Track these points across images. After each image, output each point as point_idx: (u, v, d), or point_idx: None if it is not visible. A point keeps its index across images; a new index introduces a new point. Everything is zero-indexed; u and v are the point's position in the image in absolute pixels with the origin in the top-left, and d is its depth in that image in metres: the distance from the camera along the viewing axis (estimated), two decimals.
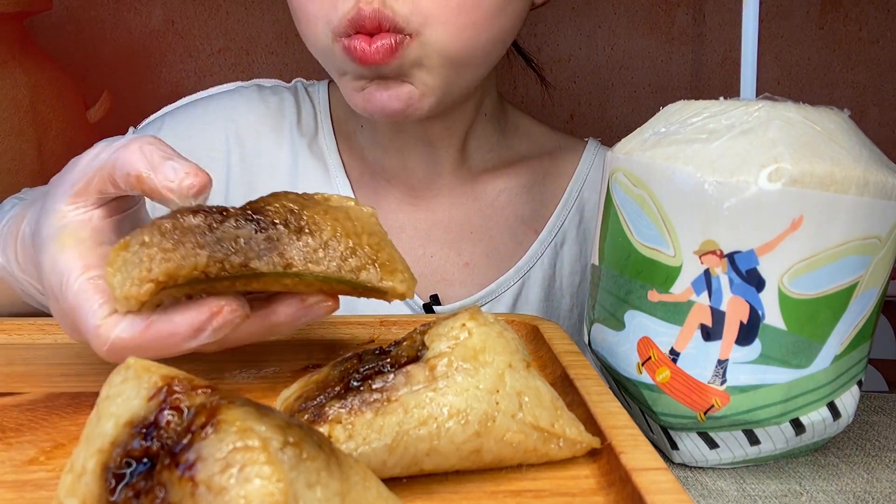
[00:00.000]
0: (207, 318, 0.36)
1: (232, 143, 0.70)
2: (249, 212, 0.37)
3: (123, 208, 0.41)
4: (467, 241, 0.70)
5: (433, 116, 0.62)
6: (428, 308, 0.67)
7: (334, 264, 0.37)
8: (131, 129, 0.74)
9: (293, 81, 0.75)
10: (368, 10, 0.53)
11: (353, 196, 0.69)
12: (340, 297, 0.39)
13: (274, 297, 0.39)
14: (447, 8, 0.54)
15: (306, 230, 0.37)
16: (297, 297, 0.38)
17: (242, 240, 0.36)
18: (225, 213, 0.36)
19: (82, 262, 0.38)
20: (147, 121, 0.74)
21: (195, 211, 0.36)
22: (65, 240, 0.39)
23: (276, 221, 0.37)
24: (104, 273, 0.36)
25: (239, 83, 0.74)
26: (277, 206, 0.37)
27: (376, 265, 0.38)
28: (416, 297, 0.67)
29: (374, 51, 0.54)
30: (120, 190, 0.39)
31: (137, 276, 0.34)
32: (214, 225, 0.35)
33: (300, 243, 0.37)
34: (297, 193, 0.39)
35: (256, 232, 0.36)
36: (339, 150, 0.70)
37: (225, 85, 0.74)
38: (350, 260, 0.37)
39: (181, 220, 0.35)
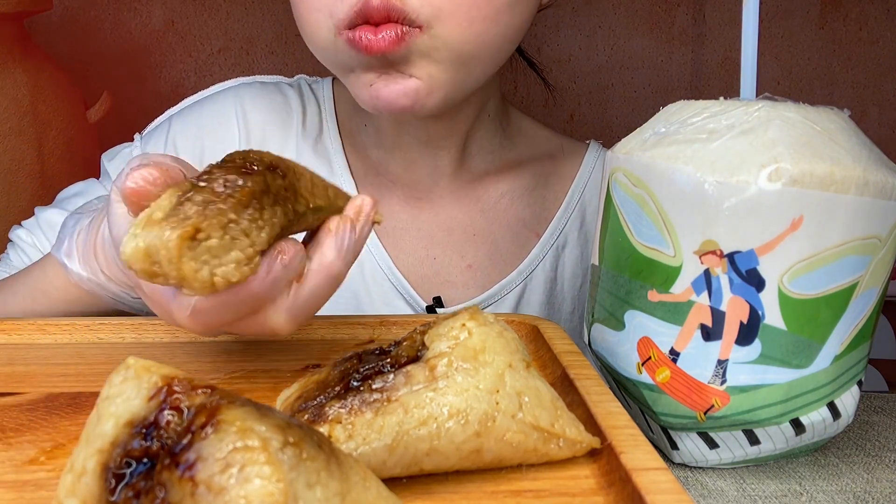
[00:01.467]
0: (273, 257, 0.36)
1: (243, 142, 0.70)
2: (249, 166, 0.36)
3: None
4: (470, 243, 0.70)
5: (437, 115, 0.61)
6: (431, 310, 0.67)
7: (331, 193, 0.40)
8: (137, 136, 0.72)
9: (296, 77, 0.75)
10: (377, 2, 0.52)
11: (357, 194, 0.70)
12: (340, 297, 0.40)
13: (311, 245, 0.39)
14: (458, 1, 0.53)
15: (292, 173, 0.38)
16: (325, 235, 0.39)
17: (272, 189, 0.36)
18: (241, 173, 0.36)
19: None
20: (152, 125, 0.73)
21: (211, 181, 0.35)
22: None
23: (276, 166, 0.37)
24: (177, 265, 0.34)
25: (240, 79, 0.74)
26: (256, 157, 0.37)
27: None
28: (419, 298, 0.67)
29: (380, 38, 0.53)
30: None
31: (233, 258, 0.34)
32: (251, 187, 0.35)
33: (300, 184, 0.38)
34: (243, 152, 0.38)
35: (275, 179, 0.36)
36: (343, 150, 0.70)
37: (226, 82, 0.74)
38: (330, 189, 0.40)
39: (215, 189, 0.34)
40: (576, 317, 0.72)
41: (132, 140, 0.72)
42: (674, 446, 0.43)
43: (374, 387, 0.31)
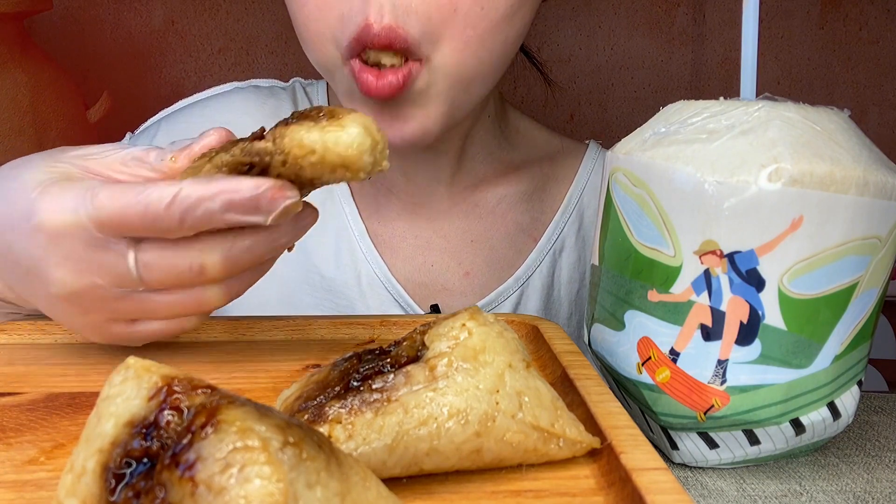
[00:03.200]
0: (271, 181, 0.36)
1: None
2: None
3: None
4: (467, 250, 0.69)
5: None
6: None
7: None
8: (128, 134, 0.73)
9: (291, 81, 0.75)
10: (378, 28, 0.51)
11: (354, 205, 0.68)
12: (336, 304, 0.40)
13: None
14: (453, 22, 0.53)
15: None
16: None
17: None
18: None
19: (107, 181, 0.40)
20: (143, 126, 0.73)
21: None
22: (70, 180, 0.39)
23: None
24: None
25: (235, 84, 0.74)
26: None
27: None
28: (416, 306, 0.67)
29: (381, 86, 0.53)
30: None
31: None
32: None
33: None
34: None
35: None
36: None
37: (222, 86, 0.74)
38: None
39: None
40: (573, 321, 0.71)
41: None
42: (674, 446, 0.43)
43: (374, 387, 0.31)
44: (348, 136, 0.36)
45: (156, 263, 0.38)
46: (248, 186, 0.36)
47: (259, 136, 0.37)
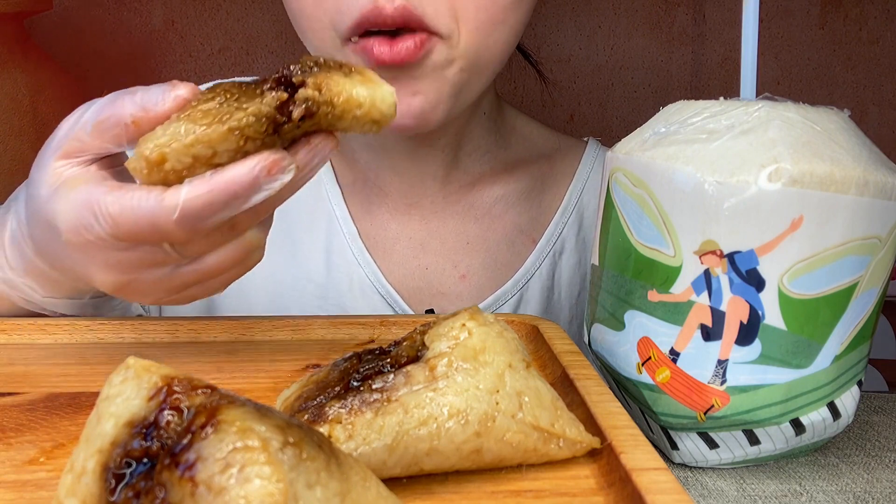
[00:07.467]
0: (262, 158, 0.36)
1: None
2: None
3: (116, 164, 0.41)
4: (464, 252, 0.67)
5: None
6: None
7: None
8: None
9: None
10: (391, 9, 0.49)
11: (345, 206, 0.67)
12: (328, 310, 0.39)
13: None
14: (466, 5, 0.51)
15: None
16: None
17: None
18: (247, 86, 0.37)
19: (103, 182, 0.38)
20: None
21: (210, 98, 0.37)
22: (71, 183, 0.38)
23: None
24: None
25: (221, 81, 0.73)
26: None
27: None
28: (410, 311, 0.65)
29: (397, 51, 0.50)
30: (112, 146, 0.39)
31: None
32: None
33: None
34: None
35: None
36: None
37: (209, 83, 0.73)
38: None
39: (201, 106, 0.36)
40: (574, 325, 0.70)
41: None
42: (674, 446, 0.43)
43: (374, 387, 0.31)
44: (389, 93, 0.37)
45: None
46: (242, 173, 0.36)
47: (282, 80, 0.37)
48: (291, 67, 0.37)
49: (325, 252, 0.67)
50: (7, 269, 0.47)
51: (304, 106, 0.36)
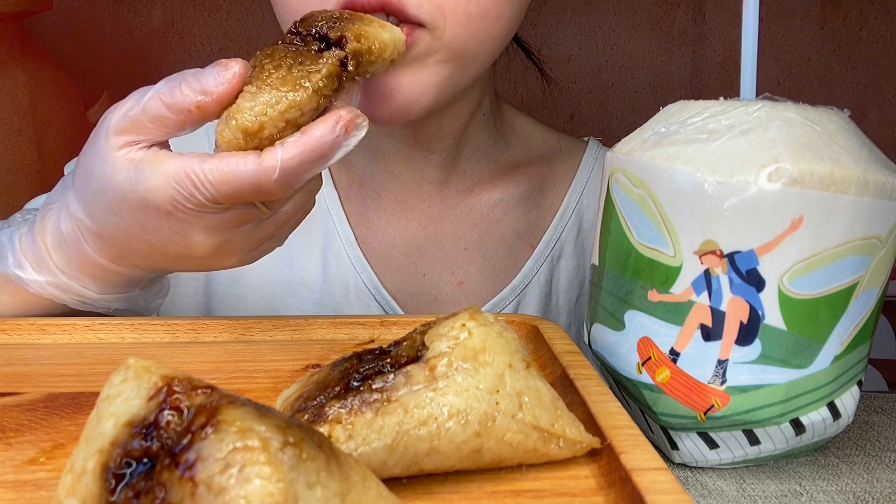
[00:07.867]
0: (338, 116, 0.40)
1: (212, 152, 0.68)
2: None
3: (166, 145, 0.43)
4: (461, 258, 0.66)
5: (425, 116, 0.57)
6: None
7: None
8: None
9: None
10: None
11: (342, 210, 0.66)
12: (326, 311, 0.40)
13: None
14: None
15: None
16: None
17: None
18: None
19: (188, 155, 0.40)
20: None
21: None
22: (152, 161, 0.41)
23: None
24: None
25: None
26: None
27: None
28: None
29: None
30: (174, 131, 0.41)
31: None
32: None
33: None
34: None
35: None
36: None
37: None
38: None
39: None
40: (573, 330, 0.69)
41: None
42: (674, 446, 0.43)
43: (374, 387, 0.31)
44: (399, 33, 0.43)
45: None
46: (326, 131, 0.40)
47: (317, 37, 0.41)
48: (319, 23, 0.41)
49: (321, 257, 0.66)
50: (58, 273, 0.47)
51: (357, 58, 0.40)
